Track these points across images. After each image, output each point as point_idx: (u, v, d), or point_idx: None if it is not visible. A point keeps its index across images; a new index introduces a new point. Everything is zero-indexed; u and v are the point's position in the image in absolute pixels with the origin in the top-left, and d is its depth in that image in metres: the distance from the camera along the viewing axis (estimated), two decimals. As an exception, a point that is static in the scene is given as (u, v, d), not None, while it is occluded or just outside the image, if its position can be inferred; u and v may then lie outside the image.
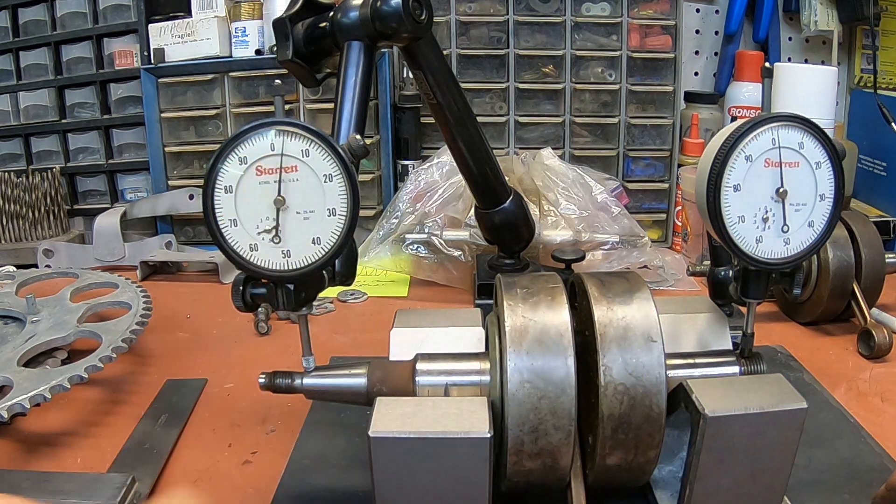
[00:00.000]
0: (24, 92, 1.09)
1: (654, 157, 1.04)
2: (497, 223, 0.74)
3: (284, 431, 0.54)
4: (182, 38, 1.01)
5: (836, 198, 0.41)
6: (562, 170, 0.89)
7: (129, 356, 0.65)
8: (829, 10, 1.10)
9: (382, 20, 0.54)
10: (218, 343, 0.70)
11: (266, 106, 1.00)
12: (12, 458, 0.50)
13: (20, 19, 1.08)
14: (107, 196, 1.10)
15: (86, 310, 0.63)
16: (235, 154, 0.37)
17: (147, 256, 0.90)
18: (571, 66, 1.02)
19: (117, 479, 0.44)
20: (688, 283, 0.83)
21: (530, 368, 0.36)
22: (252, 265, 0.38)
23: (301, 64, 0.58)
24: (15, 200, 0.96)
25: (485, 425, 0.35)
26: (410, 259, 0.85)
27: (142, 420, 0.55)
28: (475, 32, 1.01)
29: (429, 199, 0.87)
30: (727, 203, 0.40)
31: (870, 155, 1.06)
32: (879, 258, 0.69)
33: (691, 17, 1.16)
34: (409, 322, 0.46)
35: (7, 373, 0.51)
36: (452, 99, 0.64)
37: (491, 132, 1.02)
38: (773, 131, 0.40)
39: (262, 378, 0.43)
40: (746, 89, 1.07)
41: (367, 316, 0.78)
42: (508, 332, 0.38)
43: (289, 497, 0.46)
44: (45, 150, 1.11)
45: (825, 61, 1.18)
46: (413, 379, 0.41)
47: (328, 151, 0.38)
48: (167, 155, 1.04)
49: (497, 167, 0.72)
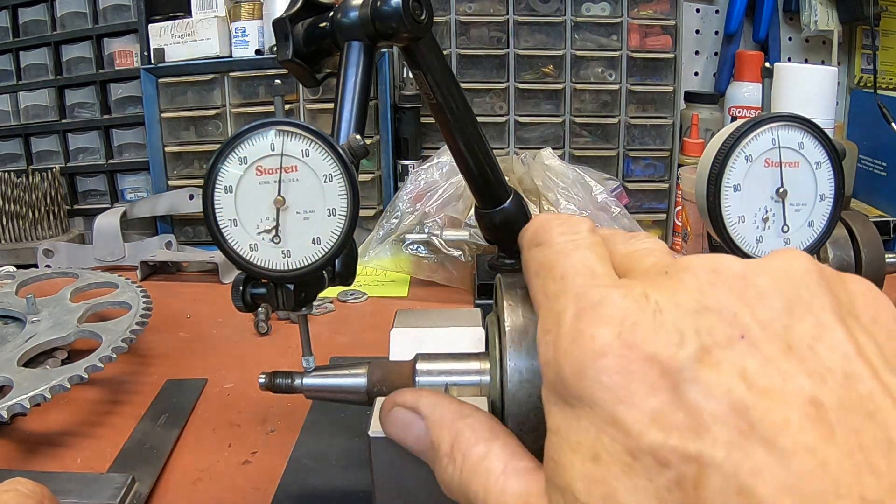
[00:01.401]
0: (24, 92, 1.09)
1: (654, 157, 1.04)
2: (497, 223, 0.74)
3: (284, 431, 0.54)
4: (182, 38, 1.01)
5: (836, 198, 0.41)
6: (562, 170, 0.89)
7: (129, 356, 0.65)
8: (829, 10, 1.10)
9: (382, 20, 0.54)
10: (218, 343, 0.70)
11: (266, 106, 1.00)
12: (12, 458, 0.50)
13: (20, 19, 1.08)
14: (107, 196, 1.10)
15: (86, 310, 0.63)
16: (235, 154, 0.37)
17: (147, 256, 0.90)
18: (571, 66, 1.02)
19: (117, 479, 0.44)
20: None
21: (530, 368, 0.36)
22: (252, 265, 0.38)
23: (301, 64, 0.58)
24: (15, 200, 0.96)
25: (485, 425, 0.35)
26: (410, 259, 0.85)
27: (142, 420, 0.55)
28: (475, 32, 1.01)
29: (429, 199, 0.87)
30: (727, 203, 0.40)
31: (870, 155, 1.06)
32: (879, 258, 0.69)
33: (691, 17, 1.16)
34: (409, 322, 0.46)
35: (7, 373, 0.51)
36: (452, 99, 0.64)
37: (491, 132, 1.02)
38: (773, 131, 0.40)
39: (262, 378, 0.43)
40: (746, 89, 1.08)
41: (367, 316, 0.78)
42: (508, 332, 0.38)
43: (289, 497, 0.46)
44: (45, 150, 1.11)
45: (825, 61, 1.18)
46: (413, 379, 0.41)
47: (328, 151, 0.38)
48: (167, 155, 1.04)
49: (497, 167, 0.72)
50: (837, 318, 0.19)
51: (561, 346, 0.21)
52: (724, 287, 0.20)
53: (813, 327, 0.19)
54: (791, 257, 0.21)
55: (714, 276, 0.20)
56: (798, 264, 0.21)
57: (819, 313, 0.20)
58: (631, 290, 0.21)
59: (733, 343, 0.19)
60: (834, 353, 0.19)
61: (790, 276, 0.20)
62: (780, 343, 0.19)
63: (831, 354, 0.19)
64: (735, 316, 0.19)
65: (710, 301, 0.20)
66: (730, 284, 0.20)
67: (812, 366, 0.18)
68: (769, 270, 0.20)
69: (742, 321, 0.19)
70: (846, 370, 0.18)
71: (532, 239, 0.26)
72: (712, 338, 0.19)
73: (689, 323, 0.19)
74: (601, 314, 0.20)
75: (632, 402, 0.19)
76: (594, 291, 0.21)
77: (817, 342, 0.19)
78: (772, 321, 0.19)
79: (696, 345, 0.19)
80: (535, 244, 0.25)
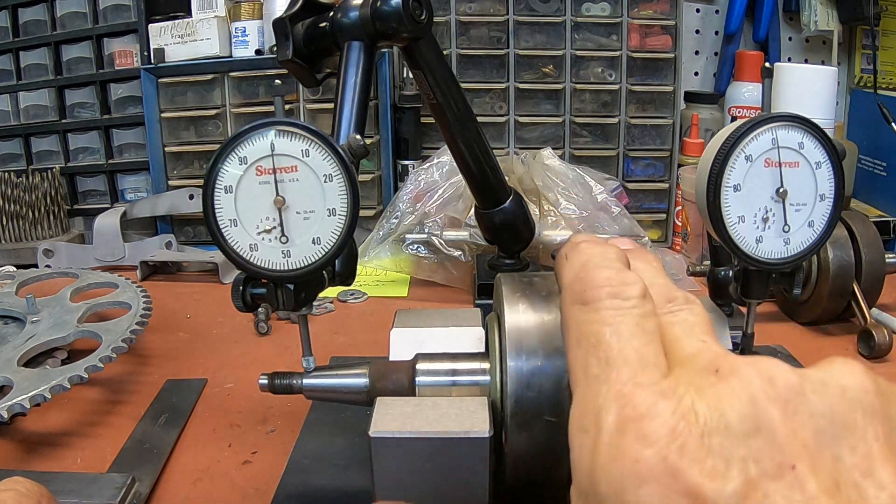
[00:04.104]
0: (24, 92, 1.09)
1: (654, 157, 1.04)
2: (497, 223, 0.74)
3: (284, 431, 0.54)
4: (182, 38, 1.01)
5: (836, 198, 0.41)
6: (562, 170, 0.89)
7: (129, 356, 0.65)
8: (829, 10, 1.10)
9: (382, 20, 0.54)
10: (218, 343, 0.70)
11: (266, 106, 1.00)
12: (12, 458, 0.50)
13: (20, 19, 1.08)
14: (107, 196, 1.10)
15: (86, 310, 0.63)
16: (235, 154, 0.37)
17: (147, 256, 0.90)
18: (571, 66, 1.02)
19: (117, 479, 0.44)
20: (688, 283, 0.83)
21: (531, 369, 0.36)
22: (252, 265, 0.38)
23: (301, 64, 0.58)
24: (15, 200, 0.96)
25: (485, 425, 0.35)
26: (410, 259, 0.85)
27: (142, 420, 0.55)
28: (475, 32, 1.01)
29: (429, 199, 0.87)
30: (727, 203, 0.40)
31: (870, 155, 1.06)
32: (879, 258, 0.69)
33: (691, 17, 1.16)
34: (409, 322, 0.46)
35: (7, 373, 0.51)
36: (452, 99, 0.64)
37: (491, 132, 1.02)
38: (773, 131, 0.40)
39: (263, 379, 0.43)
40: (746, 89, 1.08)
41: (367, 316, 0.78)
42: (508, 332, 0.38)
43: (289, 497, 0.46)
44: (45, 150, 1.11)
45: (825, 61, 1.18)
46: (413, 379, 0.41)
47: (328, 151, 0.38)
48: (167, 155, 1.04)
49: (497, 167, 0.72)
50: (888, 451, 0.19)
51: (600, 460, 0.20)
52: (777, 404, 0.19)
53: (862, 460, 0.19)
54: (848, 372, 0.20)
55: (769, 389, 0.19)
56: (855, 382, 0.20)
57: (871, 446, 0.19)
58: (680, 403, 0.20)
59: (782, 475, 0.18)
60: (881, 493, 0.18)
61: (846, 397, 0.19)
62: (827, 479, 0.18)
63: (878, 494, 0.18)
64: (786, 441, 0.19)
65: (762, 421, 0.19)
66: (784, 401, 0.19)
67: None
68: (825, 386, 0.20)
69: (793, 449, 0.19)
70: None
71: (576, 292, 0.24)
72: (760, 467, 0.18)
73: (737, 450, 0.19)
74: (646, 432, 0.19)
75: None
76: (640, 397, 0.20)
77: (865, 479, 0.18)
78: (821, 451, 0.19)
79: (743, 478, 0.18)
80: (579, 301, 0.24)
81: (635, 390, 0.20)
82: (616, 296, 0.23)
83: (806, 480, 0.18)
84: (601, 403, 0.21)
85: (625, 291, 0.23)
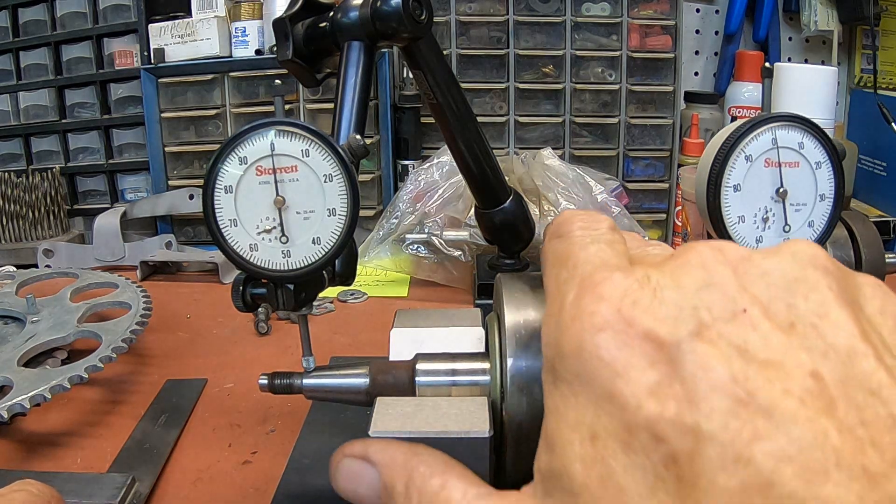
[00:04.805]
0: (24, 92, 1.09)
1: (654, 157, 1.04)
2: (497, 223, 0.74)
3: (284, 431, 0.54)
4: (182, 38, 1.01)
5: (836, 198, 0.41)
6: (562, 170, 0.89)
7: (129, 356, 0.65)
8: (829, 10, 1.10)
9: (382, 20, 0.54)
10: (218, 343, 0.70)
11: (266, 106, 1.00)
12: (12, 458, 0.50)
13: (20, 19, 1.08)
14: (107, 196, 1.10)
15: (86, 310, 0.63)
16: (235, 154, 0.37)
17: (147, 256, 0.90)
18: (571, 66, 1.02)
19: (117, 479, 0.44)
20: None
21: (531, 368, 0.36)
22: (252, 265, 0.38)
23: (301, 64, 0.58)
24: (15, 200, 0.96)
25: (485, 425, 0.35)
26: (410, 259, 0.85)
27: (142, 420, 0.55)
28: (475, 32, 1.01)
29: (429, 199, 0.87)
30: (727, 203, 0.40)
31: (870, 155, 1.06)
32: (879, 258, 0.69)
33: (691, 17, 1.16)
34: (409, 322, 0.46)
35: (7, 373, 0.51)
36: (452, 99, 0.64)
37: (491, 132, 1.02)
38: (773, 131, 0.40)
39: (263, 379, 0.43)
40: (746, 89, 1.08)
41: (367, 316, 0.78)
42: (508, 331, 0.38)
43: (289, 497, 0.46)
44: (45, 150, 1.11)
45: (825, 61, 1.18)
46: (413, 379, 0.41)
47: (328, 151, 0.38)
48: (167, 155, 1.04)
49: (497, 167, 0.72)
50: (843, 300, 0.19)
51: (562, 325, 0.21)
52: (727, 266, 0.20)
53: (817, 306, 0.19)
54: (800, 242, 0.21)
55: (718, 255, 0.20)
56: (806, 249, 0.20)
57: (824, 294, 0.19)
58: (633, 272, 0.21)
59: (735, 318, 0.19)
60: (837, 332, 0.18)
61: (797, 259, 0.20)
62: (782, 319, 0.19)
63: (835, 333, 0.18)
64: (737, 292, 0.19)
65: (712, 278, 0.20)
66: (734, 264, 0.20)
67: (814, 342, 0.18)
68: (775, 253, 0.20)
69: (744, 297, 0.19)
70: (849, 348, 0.18)
71: (553, 231, 0.26)
72: (712, 313, 0.19)
73: (689, 300, 0.19)
74: (601, 292, 0.20)
75: (629, 376, 0.19)
76: (598, 274, 0.21)
77: (821, 320, 0.19)
78: (775, 298, 0.19)
79: (696, 321, 0.19)
80: (555, 236, 0.26)
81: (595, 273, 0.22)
82: (586, 227, 0.25)
83: (759, 321, 0.19)
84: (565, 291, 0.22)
85: (595, 222, 0.25)
